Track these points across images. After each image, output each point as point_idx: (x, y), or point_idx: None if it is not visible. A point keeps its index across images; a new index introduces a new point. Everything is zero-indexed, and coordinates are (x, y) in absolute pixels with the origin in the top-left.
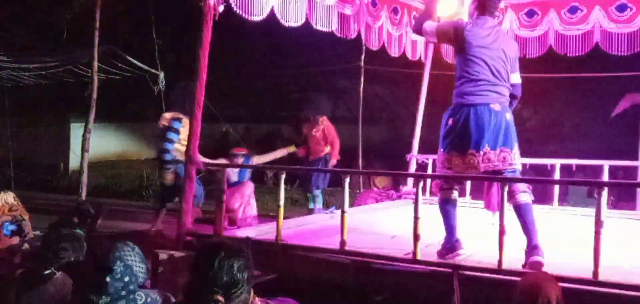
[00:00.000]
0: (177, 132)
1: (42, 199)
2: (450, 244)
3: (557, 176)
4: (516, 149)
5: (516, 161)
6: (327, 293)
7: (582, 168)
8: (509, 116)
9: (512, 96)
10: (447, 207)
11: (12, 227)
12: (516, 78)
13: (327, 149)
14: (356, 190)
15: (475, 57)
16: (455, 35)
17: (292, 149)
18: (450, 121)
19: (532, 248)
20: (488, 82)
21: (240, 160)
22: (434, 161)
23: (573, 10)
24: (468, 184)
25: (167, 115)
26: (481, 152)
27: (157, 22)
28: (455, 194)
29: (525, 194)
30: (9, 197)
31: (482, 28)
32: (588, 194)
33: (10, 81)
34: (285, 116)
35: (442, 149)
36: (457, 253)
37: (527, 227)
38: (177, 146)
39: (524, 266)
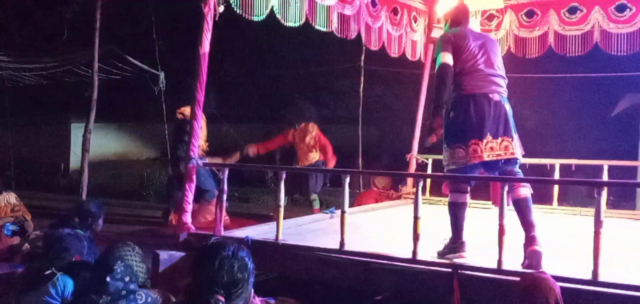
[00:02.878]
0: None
1: (42, 199)
2: (455, 245)
3: (556, 176)
4: (517, 139)
5: (517, 150)
6: (327, 293)
7: (582, 168)
8: (508, 107)
9: None
10: (456, 209)
11: (13, 227)
12: None
13: (317, 156)
14: (356, 190)
15: (468, 51)
16: (446, 44)
17: (237, 156)
18: (451, 114)
19: (530, 239)
20: (485, 74)
21: None
22: (433, 161)
23: (572, 11)
24: None
25: (186, 109)
26: (484, 141)
27: (157, 22)
28: (466, 197)
29: (524, 188)
30: (11, 197)
31: (463, 32)
32: (588, 194)
33: (11, 81)
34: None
35: (446, 145)
36: (459, 254)
37: (526, 220)
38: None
39: (523, 264)
